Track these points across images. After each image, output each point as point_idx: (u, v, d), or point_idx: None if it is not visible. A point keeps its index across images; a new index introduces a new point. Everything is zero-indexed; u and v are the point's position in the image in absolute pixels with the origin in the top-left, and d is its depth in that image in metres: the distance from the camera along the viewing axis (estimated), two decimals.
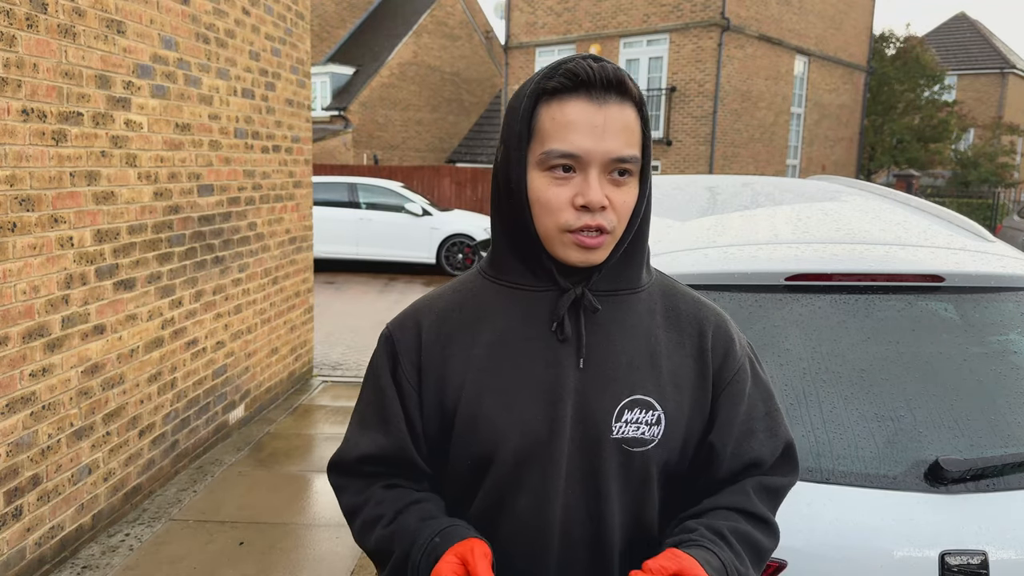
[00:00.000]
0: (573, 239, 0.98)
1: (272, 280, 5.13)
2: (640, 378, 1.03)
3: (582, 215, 0.97)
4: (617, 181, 0.98)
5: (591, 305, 1.02)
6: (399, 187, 13.01)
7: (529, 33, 19.59)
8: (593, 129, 0.95)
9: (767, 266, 1.76)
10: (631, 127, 0.98)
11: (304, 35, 5.54)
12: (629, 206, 1.00)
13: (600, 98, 0.96)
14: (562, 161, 0.96)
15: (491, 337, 1.04)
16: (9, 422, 2.82)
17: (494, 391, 1.02)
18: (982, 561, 1.43)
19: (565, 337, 1.02)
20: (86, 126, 3.18)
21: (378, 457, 1.08)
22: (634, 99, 0.99)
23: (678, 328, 1.08)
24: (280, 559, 3.27)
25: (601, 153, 0.95)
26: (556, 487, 1.01)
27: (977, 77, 32.44)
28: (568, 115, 0.96)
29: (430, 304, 1.11)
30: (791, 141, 20.23)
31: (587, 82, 0.95)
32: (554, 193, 0.97)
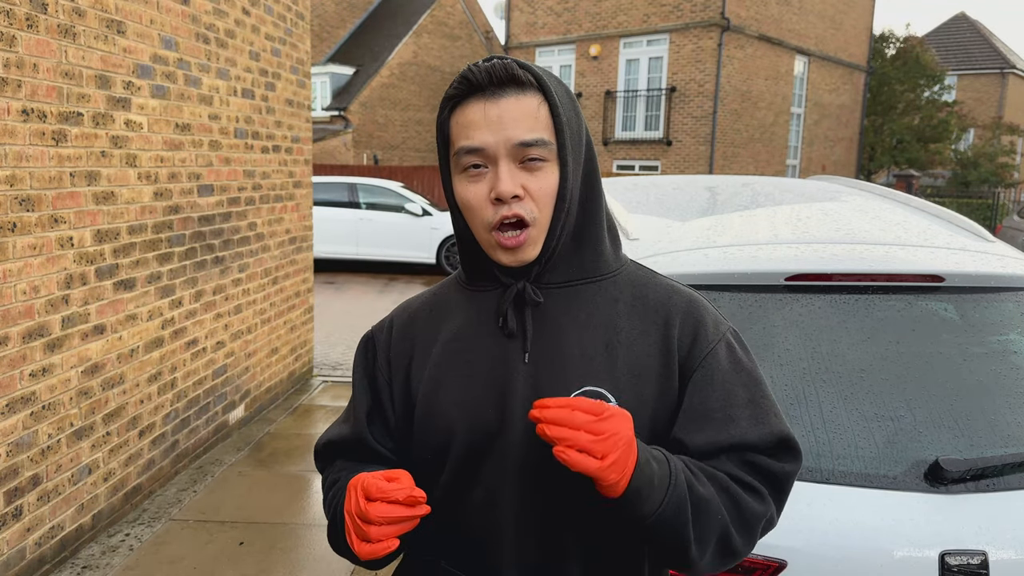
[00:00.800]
0: (497, 240, 1.00)
1: (272, 280, 5.13)
2: (593, 369, 1.02)
3: (499, 208, 0.98)
4: (529, 167, 0.99)
5: (532, 299, 1.03)
6: (399, 187, 13.01)
7: (529, 33, 19.59)
8: (490, 122, 0.97)
9: (767, 266, 1.76)
10: (533, 113, 0.98)
11: (304, 35, 5.54)
12: (547, 191, 1.00)
13: (495, 94, 0.98)
14: (471, 159, 0.99)
15: (448, 335, 1.09)
16: (9, 422, 2.82)
17: (446, 387, 1.06)
18: (982, 561, 1.43)
19: (511, 332, 1.03)
20: (86, 126, 3.18)
21: (337, 443, 1.16)
22: (534, 86, 0.99)
23: (643, 316, 1.06)
24: (280, 559, 3.28)
25: (503, 141, 0.97)
26: (509, 480, 1.02)
27: (977, 77, 32.44)
28: (468, 115, 0.99)
29: (407, 305, 1.18)
30: (791, 141, 20.23)
31: (478, 83, 0.98)
32: (472, 192, 1.00)
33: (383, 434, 1.13)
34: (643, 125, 18.33)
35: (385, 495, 0.91)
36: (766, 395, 1.06)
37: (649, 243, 1.96)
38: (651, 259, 1.84)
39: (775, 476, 1.02)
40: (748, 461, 1.02)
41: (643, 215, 2.28)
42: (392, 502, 0.91)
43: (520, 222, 0.98)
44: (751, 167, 18.56)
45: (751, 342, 1.68)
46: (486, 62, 1.00)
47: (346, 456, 1.16)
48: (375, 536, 0.91)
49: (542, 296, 1.04)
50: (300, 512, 3.70)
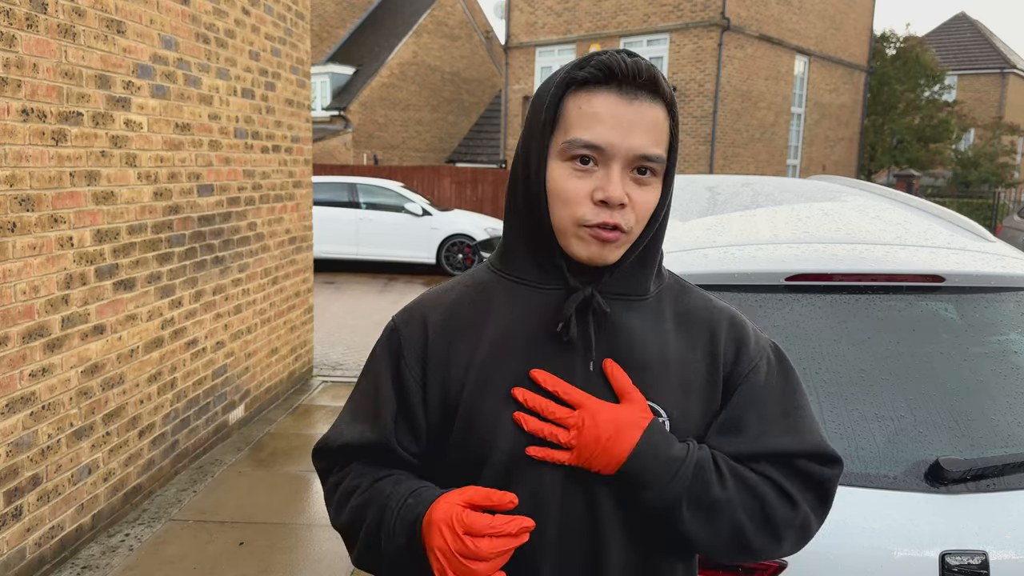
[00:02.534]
0: (589, 232, 0.95)
1: (272, 280, 5.13)
2: (648, 384, 1.00)
3: (600, 211, 0.94)
4: (639, 180, 0.96)
5: (600, 307, 0.99)
6: (399, 187, 13.02)
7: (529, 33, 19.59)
8: (620, 123, 0.93)
9: (767, 266, 1.76)
10: (660, 126, 0.95)
11: (304, 35, 5.54)
12: (650, 207, 0.97)
13: (630, 93, 0.94)
14: (584, 152, 0.94)
15: (495, 335, 1.02)
16: (9, 422, 2.82)
17: (495, 390, 1.00)
18: (982, 561, 1.42)
19: (570, 338, 0.98)
20: (86, 126, 3.18)
21: (358, 447, 1.06)
22: (665, 99, 0.96)
23: (689, 331, 1.05)
24: (280, 559, 3.27)
25: (626, 148, 0.93)
26: (552, 493, 0.99)
27: (977, 77, 32.44)
28: (596, 106, 0.94)
29: (438, 298, 1.09)
30: (791, 141, 20.23)
31: (619, 75, 0.93)
32: (573, 185, 0.95)
33: (409, 439, 1.06)
34: None
35: (495, 531, 0.88)
36: (802, 407, 1.06)
37: None
38: None
39: (812, 479, 1.02)
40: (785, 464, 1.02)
41: None
42: (503, 536, 0.88)
43: (617, 229, 0.95)
44: (751, 167, 18.55)
45: None
46: (628, 55, 0.95)
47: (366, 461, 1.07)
48: (484, 573, 0.88)
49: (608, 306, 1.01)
50: (300, 512, 3.69)
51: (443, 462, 1.05)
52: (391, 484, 1.02)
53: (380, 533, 0.99)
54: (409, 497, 0.98)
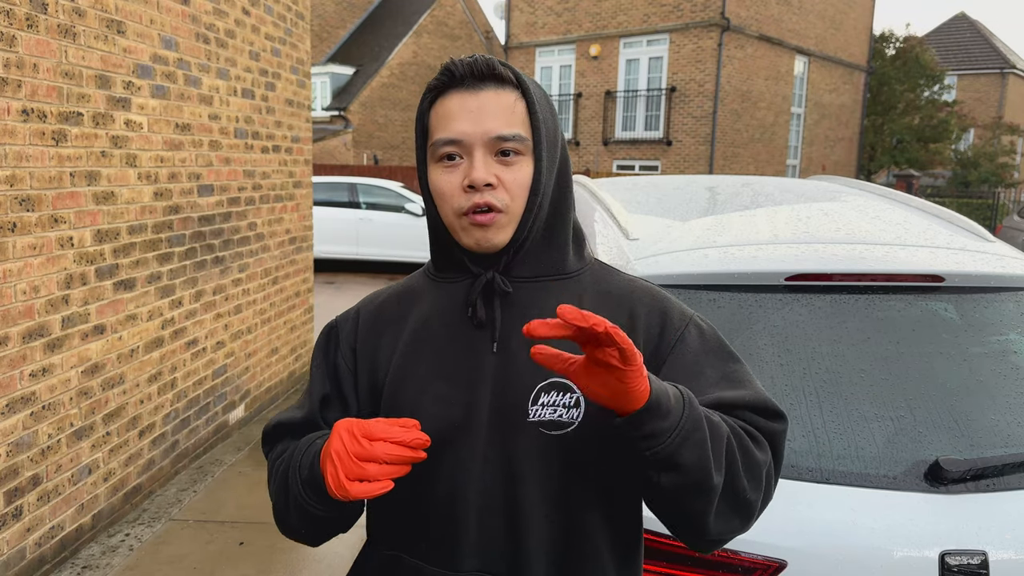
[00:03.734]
0: (468, 220, 1.01)
1: (272, 280, 5.13)
2: None
3: (471, 195, 1.00)
4: (504, 160, 1.01)
5: (501, 288, 1.04)
6: (399, 187, 13.02)
7: (529, 33, 19.59)
8: (469, 114, 1.01)
9: (767, 266, 1.76)
10: (510, 108, 1.02)
11: (304, 35, 5.54)
12: (521, 183, 1.02)
13: (474, 87, 1.02)
14: (448, 149, 1.02)
15: (416, 325, 1.10)
16: (9, 422, 2.82)
17: (413, 376, 1.06)
18: (982, 561, 1.43)
19: (480, 322, 1.04)
20: (86, 126, 3.18)
21: (287, 424, 1.14)
22: (512, 83, 1.03)
23: (608, 309, 1.07)
24: (280, 559, 3.28)
25: (481, 133, 1.00)
26: (472, 471, 1.02)
27: (977, 77, 32.44)
28: (448, 107, 1.02)
29: (373, 297, 1.19)
30: (791, 141, 20.23)
31: (459, 74, 1.02)
32: (445, 180, 1.03)
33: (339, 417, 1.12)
34: (643, 125, 18.33)
35: (391, 436, 0.91)
36: (738, 370, 1.05)
37: (649, 243, 1.96)
38: (651, 259, 1.84)
39: (765, 431, 1.00)
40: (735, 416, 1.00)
41: (643, 215, 2.28)
42: (397, 443, 0.91)
43: (491, 209, 1.01)
44: (751, 167, 18.56)
45: (751, 342, 1.68)
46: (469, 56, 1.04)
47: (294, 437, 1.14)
48: (374, 475, 0.90)
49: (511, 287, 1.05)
50: None
51: None
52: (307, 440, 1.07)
53: (287, 477, 1.04)
54: (317, 439, 1.04)
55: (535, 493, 1.01)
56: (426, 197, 1.08)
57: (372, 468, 0.90)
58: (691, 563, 1.45)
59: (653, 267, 1.79)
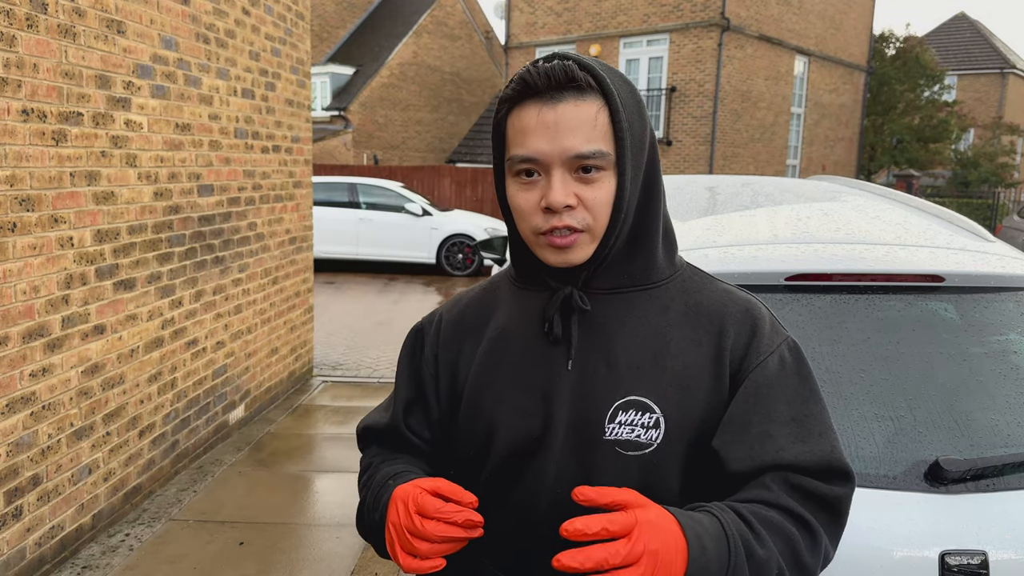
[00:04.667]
0: (547, 240, 0.97)
1: (272, 280, 5.13)
2: (638, 379, 0.99)
3: (549, 217, 0.96)
4: (585, 178, 0.95)
5: (579, 305, 1.01)
6: (399, 187, 13.02)
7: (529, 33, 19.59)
8: (546, 130, 0.94)
9: (767, 266, 1.76)
10: (591, 120, 0.94)
11: (304, 35, 5.54)
12: (602, 201, 0.96)
13: (552, 98, 0.94)
14: (524, 166, 0.96)
15: (493, 334, 1.08)
16: (9, 422, 2.82)
17: (490, 385, 1.05)
18: (982, 561, 1.42)
19: (556, 337, 1.01)
20: (86, 126, 3.18)
21: (373, 429, 1.18)
22: (595, 91, 0.95)
23: (695, 325, 1.02)
24: (280, 559, 3.27)
25: (558, 152, 0.94)
26: (546, 484, 1.00)
27: (977, 77, 32.43)
28: (523, 120, 0.96)
29: (457, 300, 1.18)
30: (791, 141, 20.23)
31: (534, 85, 0.95)
32: (523, 198, 0.98)
33: (422, 425, 1.14)
34: None
35: (443, 515, 0.91)
36: (814, 414, 0.99)
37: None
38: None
39: (825, 501, 0.95)
40: (794, 484, 0.94)
41: None
42: (449, 523, 0.91)
43: (573, 232, 0.96)
44: (751, 167, 18.56)
45: None
46: (546, 62, 0.96)
47: (380, 443, 1.18)
48: (424, 553, 0.91)
49: (590, 303, 1.01)
50: (300, 512, 3.70)
51: (452, 453, 1.12)
52: (387, 466, 1.10)
53: (364, 509, 1.08)
54: (390, 479, 1.05)
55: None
56: (504, 208, 1.04)
57: (423, 546, 0.91)
58: None
59: None
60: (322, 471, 4.19)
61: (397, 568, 3.20)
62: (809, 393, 1.00)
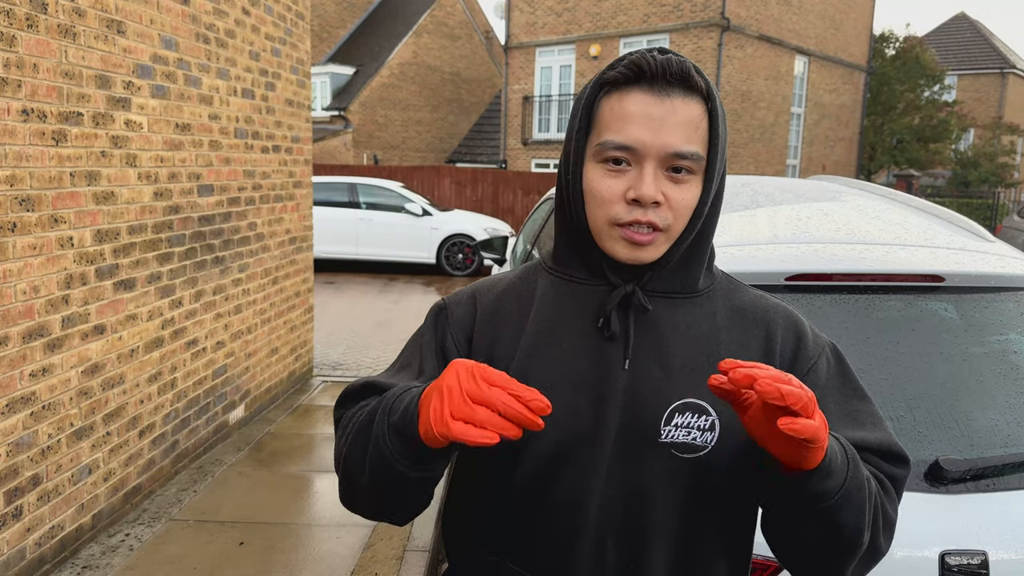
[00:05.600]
0: (622, 233, 0.96)
1: (272, 280, 5.13)
2: (694, 381, 0.99)
3: (633, 209, 0.95)
4: (675, 178, 0.95)
5: (641, 304, 0.99)
6: (399, 187, 13.02)
7: (529, 33, 19.59)
8: (651, 122, 0.93)
9: (767, 266, 1.76)
10: (694, 122, 0.94)
11: (304, 35, 5.54)
12: (687, 204, 0.96)
13: (662, 91, 0.93)
14: (616, 153, 0.94)
15: (540, 326, 1.03)
16: (9, 422, 2.82)
17: (537, 380, 0.99)
18: (982, 561, 1.42)
19: (612, 334, 0.99)
20: (86, 126, 3.18)
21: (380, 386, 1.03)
22: (702, 93, 0.96)
23: (743, 329, 1.03)
24: (280, 559, 3.28)
25: (658, 147, 0.93)
26: (594, 486, 0.98)
27: (977, 77, 32.44)
28: (627, 106, 0.94)
29: (491, 285, 1.11)
30: (791, 141, 20.23)
31: (649, 73, 0.93)
32: (606, 185, 0.96)
33: None
34: None
35: (512, 388, 0.80)
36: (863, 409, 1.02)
37: None
38: None
39: (892, 479, 0.98)
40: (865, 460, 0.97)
41: None
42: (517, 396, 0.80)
43: (654, 230, 0.95)
44: (751, 167, 18.55)
45: None
46: (660, 53, 0.95)
47: None
48: (482, 420, 0.78)
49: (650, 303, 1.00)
50: (300, 512, 3.69)
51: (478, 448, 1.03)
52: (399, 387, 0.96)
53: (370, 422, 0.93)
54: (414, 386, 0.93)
55: (659, 513, 0.98)
56: (567, 189, 1.00)
57: (482, 413, 0.79)
58: None
59: None
60: (322, 471, 4.19)
61: (398, 568, 3.20)
62: (853, 391, 1.03)
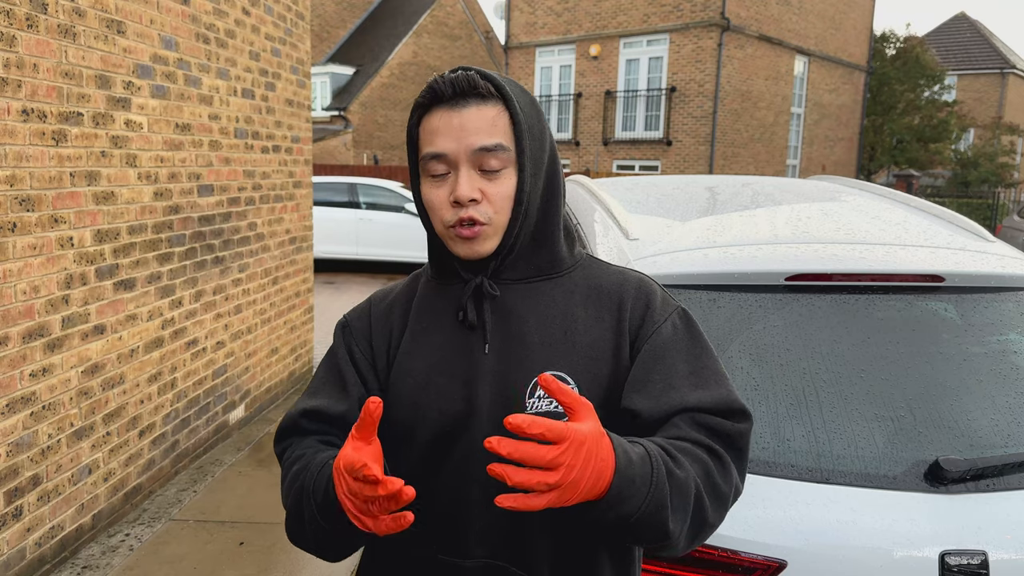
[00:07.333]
0: (456, 232, 1.07)
1: (272, 280, 5.13)
2: (552, 355, 1.08)
3: (457, 211, 1.05)
4: (488, 175, 1.06)
5: (489, 292, 1.10)
6: (399, 187, 13.01)
7: (529, 33, 19.59)
8: (452, 130, 1.05)
9: (767, 266, 1.76)
10: (492, 121, 1.05)
11: (304, 35, 5.54)
12: (505, 195, 1.06)
13: (458, 104, 1.05)
14: (435, 165, 1.06)
15: (415, 326, 1.15)
16: (9, 422, 2.82)
17: (412, 372, 1.12)
18: (982, 561, 1.43)
19: (471, 324, 1.10)
20: (86, 126, 3.18)
21: (322, 412, 1.14)
22: (495, 97, 1.06)
23: (598, 303, 1.13)
24: (280, 559, 3.28)
25: (464, 148, 1.04)
26: (475, 462, 1.06)
27: (977, 77, 32.44)
28: (432, 123, 1.07)
29: (384, 295, 1.24)
30: (791, 141, 20.23)
31: (441, 92, 1.05)
32: (434, 194, 1.08)
33: None
34: (643, 125, 18.33)
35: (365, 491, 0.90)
36: (708, 366, 1.09)
37: (649, 243, 1.96)
38: (651, 259, 1.84)
39: (729, 436, 1.05)
40: (700, 423, 1.04)
41: (643, 215, 2.28)
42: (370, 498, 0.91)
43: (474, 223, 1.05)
44: (751, 167, 18.56)
45: (751, 342, 1.68)
46: (451, 73, 1.07)
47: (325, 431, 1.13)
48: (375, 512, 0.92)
49: (501, 292, 1.11)
50: None
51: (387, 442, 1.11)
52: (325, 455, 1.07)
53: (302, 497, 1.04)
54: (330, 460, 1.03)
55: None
56: (419, 207, 1.13)
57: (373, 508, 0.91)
58: (691, 563, 1.45)
59: (653, 267, 1.79)
60: None
61: None
62: (701, 350, 1.11)
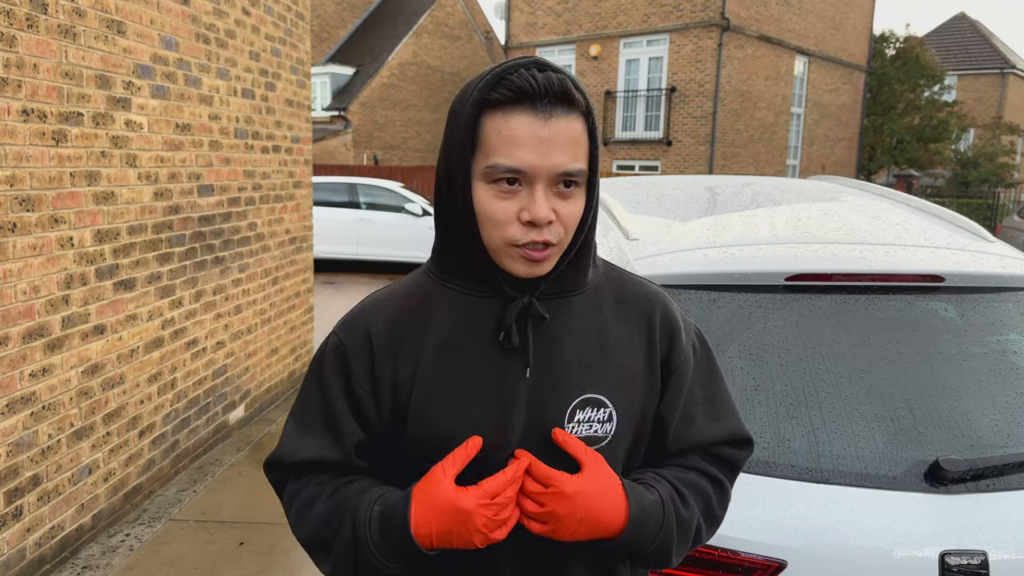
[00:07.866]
0: (520, 252, 0.97)
1: (272, 280, 5.13)
2: (591, 377, 1.04)
3: (529, 230, 0.96)
4: (563, 193, 0.97)
5: (538, 314, 1.02)
6: (399, 187, 13.01)
7: (529, 33, 19.59)
8: (539, 144, 0.93)
9: (767, 266, 1.76)
10: (578, 139, 0.96)
11: (304, 35, 5.54)
12: (576, 217, 0.99)
13: (546, 111, 0.94)
14: (508, 175, 0.95)
15: (438, 341, 1.04)
16: (9, 422, 2.82)
17: (443, 395, 1.02)
18: (982, 561, 1.43)
19: (512, 346, 1.02)
20: (86, 126, 3.18)
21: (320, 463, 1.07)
22: (581, 109, 0.97)
23: (627, 320, 1.10)
24: (280, 559, 3.27)
25: (548, 168, 0.94)
26: None
27: (977, 77, 32.44)
28: (513, 129, 0.94)
29: (378, 307, 1.09)
30: (791, 141, 20.23)
31: (532, 94, 0.93)
32: (500, 207, 0.96)
33: (369, 451, 1.08)
34: (643, 125, 18.34)
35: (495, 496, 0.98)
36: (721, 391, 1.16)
37: (649, 243, 1.96)
38: (651, 259, 1.84)
39: (732, 464, 1.16)
40: (712, 455, 1.14)
41: (643, 215, 2.28)
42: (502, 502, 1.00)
43: (547, 247, 0.98)
44: (751, 167, 18.56)
45: (751, 342, 1.68)
46: (540, 71, 0.94)
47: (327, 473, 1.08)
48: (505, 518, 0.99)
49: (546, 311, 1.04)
50: None
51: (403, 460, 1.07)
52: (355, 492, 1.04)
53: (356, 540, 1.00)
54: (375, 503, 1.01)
55: None
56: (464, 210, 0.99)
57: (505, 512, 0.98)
58: (691, 563, 1.45)
59: (653, 267, 1.79)
60: None
61: None
62: (716, 374, 1.16)
